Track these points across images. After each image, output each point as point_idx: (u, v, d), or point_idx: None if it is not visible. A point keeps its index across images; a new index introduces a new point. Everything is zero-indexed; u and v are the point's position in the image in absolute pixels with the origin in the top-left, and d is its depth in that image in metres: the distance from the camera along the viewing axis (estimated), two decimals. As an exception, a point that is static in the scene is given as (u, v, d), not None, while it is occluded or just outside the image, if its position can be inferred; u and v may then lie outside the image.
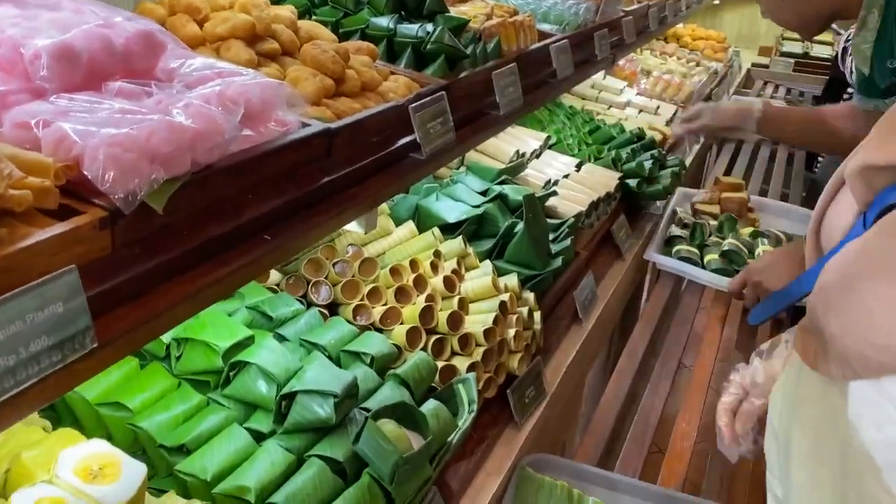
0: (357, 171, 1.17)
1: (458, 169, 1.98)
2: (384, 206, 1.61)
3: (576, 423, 1.98)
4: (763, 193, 3.80)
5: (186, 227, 0.86)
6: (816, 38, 5.79)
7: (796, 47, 5.43)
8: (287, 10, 1.36)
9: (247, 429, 0.98)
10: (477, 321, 1.36)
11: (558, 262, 1.64)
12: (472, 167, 1.93)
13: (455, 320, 1.33)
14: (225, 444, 0.94)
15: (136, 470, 0.66)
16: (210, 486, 0.89)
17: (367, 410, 1.01)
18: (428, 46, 1.53)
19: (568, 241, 1.72)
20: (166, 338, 1.03)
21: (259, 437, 0.98)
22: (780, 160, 4.28)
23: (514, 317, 1.42)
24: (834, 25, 2.57)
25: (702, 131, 2.41)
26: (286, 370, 1.02)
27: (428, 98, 1.34)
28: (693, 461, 1.42)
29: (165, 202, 0.82)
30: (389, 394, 1.09)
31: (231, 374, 1.02)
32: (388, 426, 0.96)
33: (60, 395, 0.67)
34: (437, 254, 1.47)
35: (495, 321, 1.35)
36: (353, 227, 1.17)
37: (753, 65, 5.49)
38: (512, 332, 1.38)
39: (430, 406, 1.09)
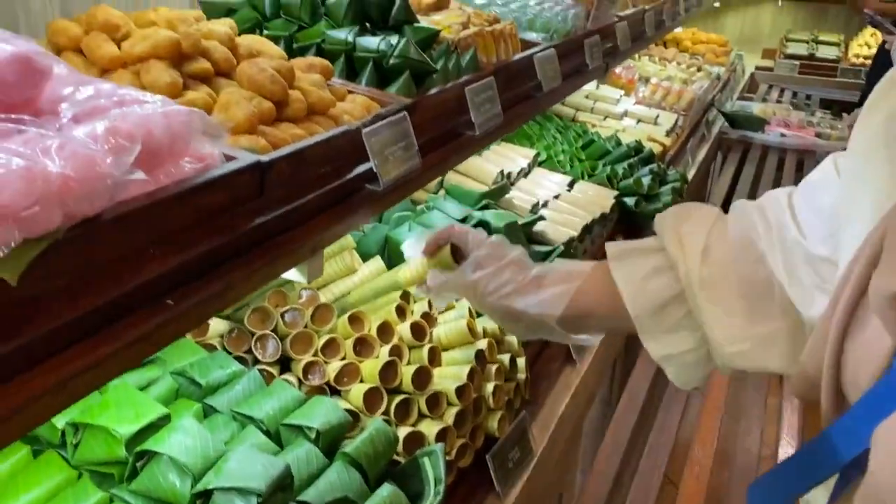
0: (296, 210, 0.99)
1: (435, 193, 1.80)
2: (349, 240, 1.44)
3: (575, 464, 1.79)
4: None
5: (58, 296, 0.69)
6: (822, 38, 5.60)
7: (801, 48, 5.26)
8: (224, 25, 1.19)
9: (155, 535, 0.80)
10: (449, 375, 1.18)
11: (545, 298, 1.46)
12: (450, 191, 1.76)
13: (422, 376, 1.15)
14: (124, 559, 0.76)
15: None
16: None
17: (305, 504, 0.84)
18: (390, 61, 1.36)
19: (557, 274, 1.54)
20: (60, 422, 0.86)
21: (170, 545, 0.80)
22: (789, 167, 4.10)
23: (494, 367, 1.24)
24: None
25: None
26: (205, 458, 0.84)
27: (385, 120, 1.17)
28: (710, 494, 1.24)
29: (24, 269, 0.65)
30: (336, 479, 0.91)
31: (139, 464, 0.85)
32: (324, 531, 0.78)
33: None
34: (406, 295, 1.29)
35: (470, 375, 1.17)
36: (294, 276, 1.00)
37: (757, 68, 5.32)
38: (490, 386, 1.21)
39: (382, 494, 0.91)
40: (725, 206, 2.95)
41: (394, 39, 1.41)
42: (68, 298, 0.69)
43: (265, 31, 1.42)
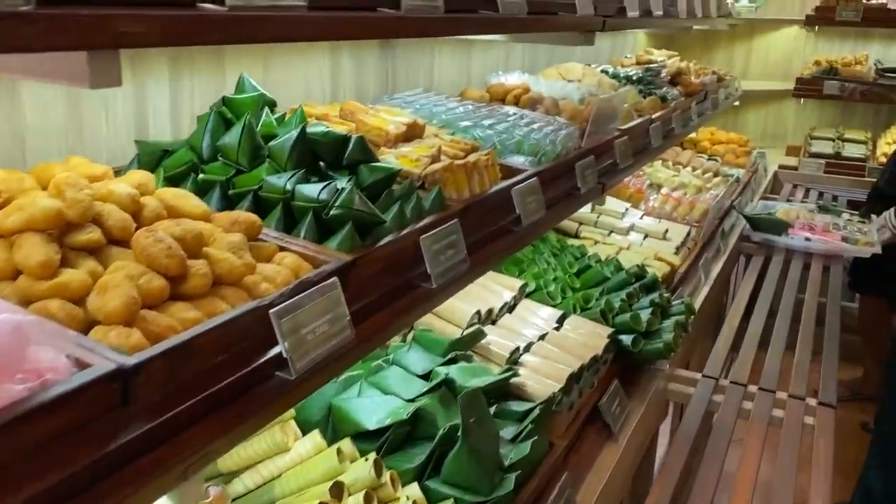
0: (172, 420, 0.82)
1: (403, 340, 1.63)
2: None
3: None
4: (798, 304, 3.36)
5: None
6: (849, 136, 5.40)
7: (826, 147, 5.08)
8: (128, 185, 1.06)
9: None
10: None
11: (510, 483, 1.25)
12: (418, 338, 1.58)
13: None
14: None
15: None
16: None
17: None
18: (331, 213, 1.21)
19: (528, 447, 1.33)
20: None
21: None
22: (815, 272, 3.86)
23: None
24: None
25: None
26: None
27: (309, 290, 1.01)
28: None
29: None
30: None
31: None
32: None
33: None
34: (337, 487, 1.10)
35: None
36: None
37: (780, 166, 5.14)
38: None
39: None
40: (746, 319, 2.66)
41: (341, 183, 1.27)
42: None
43: (201, 175, 1.30)
